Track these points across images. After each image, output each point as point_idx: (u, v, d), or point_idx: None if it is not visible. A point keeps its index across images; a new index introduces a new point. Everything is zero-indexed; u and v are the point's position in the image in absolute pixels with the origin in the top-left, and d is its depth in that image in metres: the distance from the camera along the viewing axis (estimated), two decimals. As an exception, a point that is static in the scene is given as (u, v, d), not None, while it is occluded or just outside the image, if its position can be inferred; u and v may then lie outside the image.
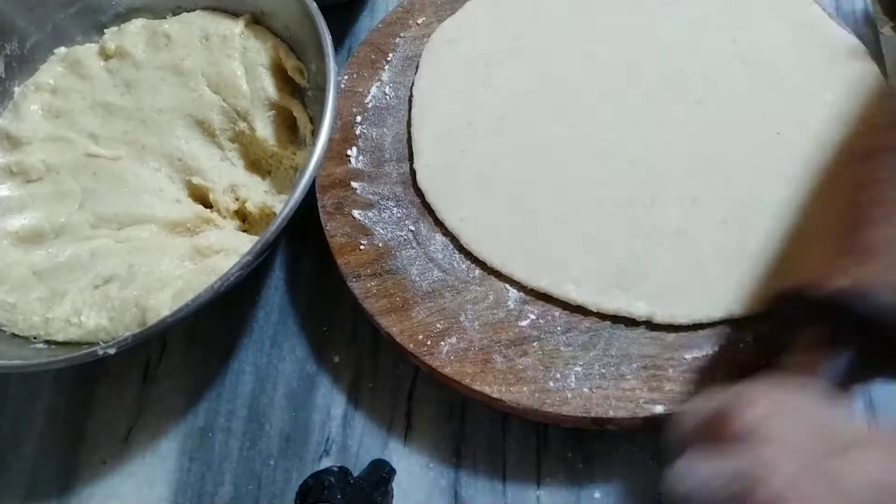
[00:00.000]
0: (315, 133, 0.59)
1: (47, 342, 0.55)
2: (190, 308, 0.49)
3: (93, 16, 0.68)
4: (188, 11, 0.68)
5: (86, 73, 0.66)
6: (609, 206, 0.57)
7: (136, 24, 0.68)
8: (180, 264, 0.56)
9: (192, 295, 0.49)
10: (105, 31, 0.68)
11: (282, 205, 0.52)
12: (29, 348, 0.55)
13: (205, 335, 0.61)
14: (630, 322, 0.53)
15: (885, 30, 0.71)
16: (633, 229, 0.56)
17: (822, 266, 0.43)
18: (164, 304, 0.52)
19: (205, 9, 0.68)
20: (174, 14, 0.68)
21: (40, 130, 0.63)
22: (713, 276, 0.54)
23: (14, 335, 0.55)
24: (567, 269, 0.55)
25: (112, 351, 0.49)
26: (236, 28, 0.65)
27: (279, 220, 0.51)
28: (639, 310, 0.53)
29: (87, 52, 0.67)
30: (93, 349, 0.49)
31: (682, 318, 0.52)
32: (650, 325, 0.53)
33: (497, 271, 0.56)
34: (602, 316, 0.54)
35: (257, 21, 0.67)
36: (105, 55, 0.67)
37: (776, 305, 0.47)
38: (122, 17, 0.69)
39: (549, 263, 0.55)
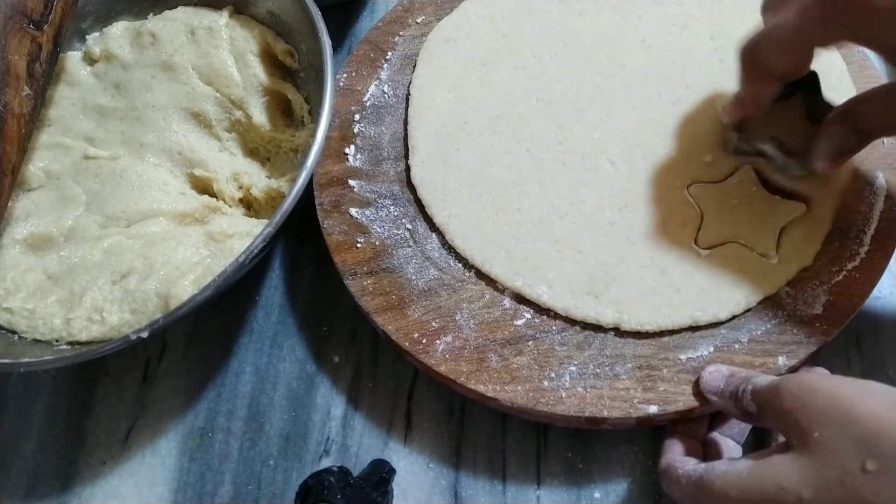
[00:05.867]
0: (315, 111, 0.59)
1: (70, 343, 0.55)
2: (217, 285, 0.49)
3: (73, 23, 0.67)
4: (170, 9, 0.68)
5: (73, 80, 0.66)
6: (588, 209, 0.56)
7: (119, 27, 0.68)
8: (196, 252, 0.57)
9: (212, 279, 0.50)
10: (87, 36, 0.68)
11: (287, 185, 0.51)
12: (52, 351, 0.54)
13: (205, 335, 0.61)
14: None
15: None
16: (607, 233, 0.55)
17: None
18: (185, 290, 0.53)
19: (186, 4, 0.68)
20: (155, 13, 0.68)
21: (34, 141, 0.63)
22: (677, 282, 0.53)
23: (36, 340, 0.55)
24: (541, 272, 0.54)
25: (145, 335, 0.49)
26: (221, 20, 0.65)
27: (299, 182, 0.52)
28: (606, 317, 0.52)
29: (71, 59, 0.67)
30: (126, 336, 0.49)
31: (649, 325, 0.51)
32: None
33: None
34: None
35: (240, 11, 0.67)
36: (90, 60, 0.67)
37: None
38: (103, 21, 0.69)
39: (526, 265, 0.55)
